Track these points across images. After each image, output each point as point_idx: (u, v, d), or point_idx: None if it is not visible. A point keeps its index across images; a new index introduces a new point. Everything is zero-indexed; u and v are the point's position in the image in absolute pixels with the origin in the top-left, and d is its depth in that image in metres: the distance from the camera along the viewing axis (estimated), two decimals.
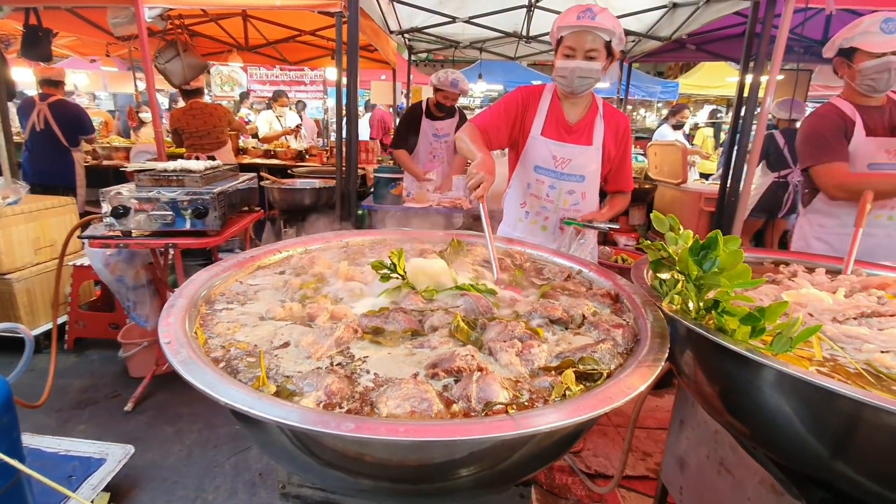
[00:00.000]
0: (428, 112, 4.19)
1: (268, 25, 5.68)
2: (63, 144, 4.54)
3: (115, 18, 3.27)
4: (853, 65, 2.05)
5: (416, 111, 4.27)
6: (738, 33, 5.49)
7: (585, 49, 1.81)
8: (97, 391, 2.99)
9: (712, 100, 13.75)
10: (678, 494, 1.59)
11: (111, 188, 2.42)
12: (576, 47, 1.82)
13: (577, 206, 2.08)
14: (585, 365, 0.84)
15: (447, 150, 4.31)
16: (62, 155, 4.58)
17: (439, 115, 4.18)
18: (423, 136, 4.23)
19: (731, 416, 1.12)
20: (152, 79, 3.42)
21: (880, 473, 0.89)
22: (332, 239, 1.60)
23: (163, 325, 0.88)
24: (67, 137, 4.54)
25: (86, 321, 3.45)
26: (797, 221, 2.41)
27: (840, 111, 2.12)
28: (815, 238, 2.27)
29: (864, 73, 2.01)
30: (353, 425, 0.61)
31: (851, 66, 2.06)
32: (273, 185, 4.06)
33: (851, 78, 2.09)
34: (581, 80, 1.86)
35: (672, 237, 1.14)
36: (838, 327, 1.08)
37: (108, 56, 6.20)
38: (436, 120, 4.20)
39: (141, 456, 2.36)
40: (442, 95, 4.01)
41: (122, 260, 2.74)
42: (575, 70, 1.83)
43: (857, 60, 2.03)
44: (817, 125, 2.16)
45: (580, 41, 1.81)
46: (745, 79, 3.41)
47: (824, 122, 2.14)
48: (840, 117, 2.10)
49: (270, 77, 12.23)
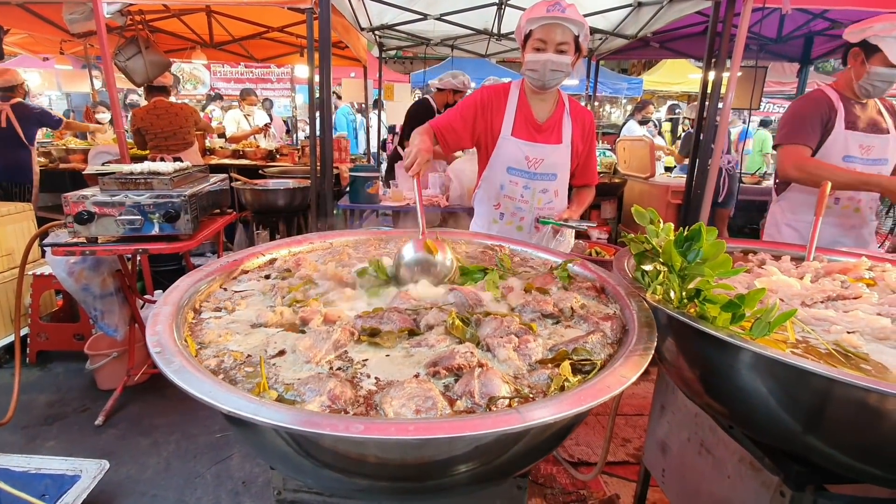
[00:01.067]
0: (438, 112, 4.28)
1: (233, 21, 5.50)
2: (22, 141, 4.35)
3: (71, 14, 3.09)
4: (867, 62, 2.05)
5: (426, 108, 4.34)
6: (698, 31, 5.70)
7: (556, 42, 1.82)
8: (65, 405, 2.85)
9: (674, 96, 14.23)
10: (661, 477, 1.65)
11: (74, 192, 2.30)
12: (546, 40, 1.82)
13: (551, 204, 2.10)
14: (579, 356, 0.87)
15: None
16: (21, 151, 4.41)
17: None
18: None
19: (712, 398, 1.18)
20: (112, 77, 3.26)
21: (849, 445, 0.96)
22: (316, 240, 1.58)
23: (150, 333, 0.86)
24: (28, 135, 4.37)
25: (48, 333, 3.28)
26: (770, 208, 2.49)
27: (828, 99, 2.18)
28: (786, 225, 2.36)
29: (872, 76, 2.04)
30: (363, 426, 0.61)
31: (866, 62, 2.06)
32: (245, 187, 3.96)
33: (858, 73, 2.11)
34: (553, 73, 1.87)
35: (653, 230, 1.18)
36: (808, 311, 1.15)
37: (62, 54, 5.86)
38: None
39: (116, 471, 2.27)
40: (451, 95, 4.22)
41: (88, 268, 2.61)
42: (546, 63, 1.84)
43: (872, 60, 2.04)
44: (801, 107, 2.24)
45: (550, 34, 1.81)
46: (709, 76, 3.55)
47: (808, 105, 2.21)
48: (826, 105, 2.17)
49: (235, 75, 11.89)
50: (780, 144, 2.25)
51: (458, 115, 2.03)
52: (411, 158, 1.62)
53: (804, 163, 2.15)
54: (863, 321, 1.10)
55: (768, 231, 2.46)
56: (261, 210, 4.08)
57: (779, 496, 1.11)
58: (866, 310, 1.16)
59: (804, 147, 2.17)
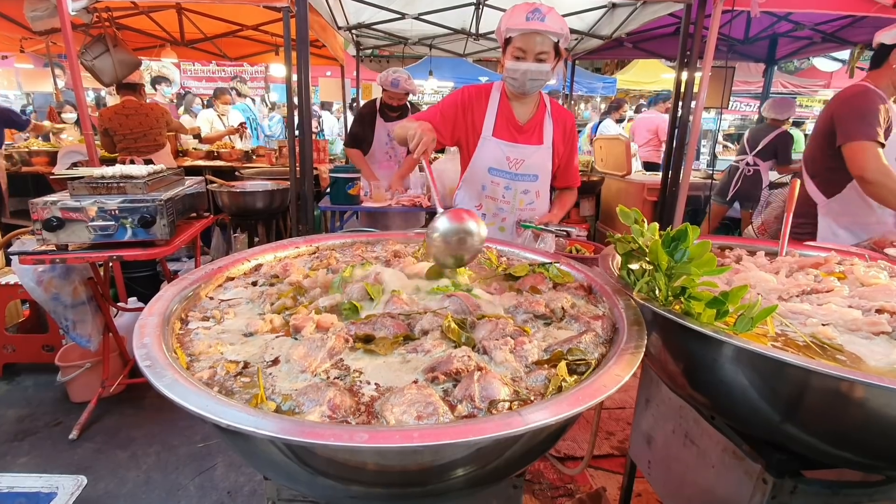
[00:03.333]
0: (382, 112, 4.09)
1: (205, 19, 5.34)
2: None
3: (33, 11, 2.95)
4: None
5: (370, 109, 4.14)
6: (670, 32, 5.86)
7: (536, 52, 1.83)
8: (36, 420, 2.73)
9: (647, 95, 14.54)
10: (646, 468, 1.70)
11: (42, 198, 2.21)
12: (526, 49, 1.83)
13: (532, 204, 2.12)
14: (574, 356, 0.88)
15: (402, 152, 4.25)
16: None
17: (392, 116, 4.08)
18: (378, 137, 4.12)
19: (696, 390, 1.22)
20: (79, 77, 3.13)
21: (826, 432, 1.01)
22: (302, 244, 1.56)
23: (138, 346, 0.83)
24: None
25: (15, 345, 3.13)
26: (819, 212, 2.27)
27: (881, 96, 2.06)
28: (843, 228, 2.20)
29: None
30: (367, 435, 0.61)
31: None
32: (222, 189, 3.86)
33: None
34: (532, 81, 1.89)
35: (638, 229, 1.21)
36: (784, 305, 1.20)
37: (23, 52, 5.58)
38: (389, 120, 4.09)
39: (94, 486, 2.20)
40: (387, 95, 3.95)
41: (57, 276, 2.51)
42: (526, 73, 1.85)
43: None
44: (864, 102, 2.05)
45: (530, 43, 1.82)
46: (682, 76, 3.65)
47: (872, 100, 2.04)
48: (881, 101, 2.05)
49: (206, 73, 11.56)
50: (856, 141, 2.01)
51: (438, 113, 2.03)
52: (416, 140, 1.60)
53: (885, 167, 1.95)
54: (836, 314, 1.15)
55: (822, 235, 2.23)
56: (238, 213, 3.98)
57: (761, 483, 1.16)
58: (838, 303, 1.21)
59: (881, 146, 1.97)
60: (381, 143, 4.16)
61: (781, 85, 11.32)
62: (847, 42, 5.58)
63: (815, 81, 11.89)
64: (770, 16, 5.22)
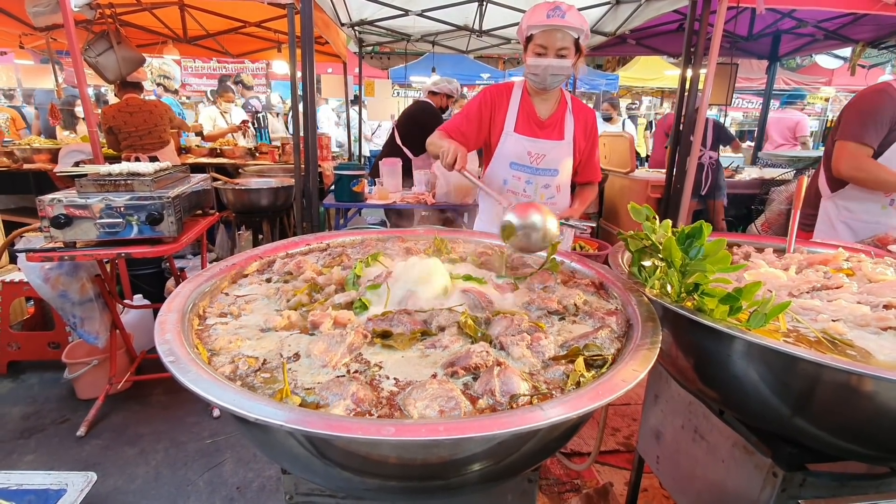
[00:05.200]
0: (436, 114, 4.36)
1: (208, 16, 5.33)
2: None
3: (35, 7, 2.94)
4: None
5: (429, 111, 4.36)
6: (673, 29, 5.85)
7: (556, 47, 1.87)
8: (42, 417, 2.74)
9: (650, 92, 14.52)
10: (655, 464, 1.71)
11: (49, 195, 2.21)
12: (547, 45, 1.87)
13: (553, 199, 2.15)
14: (591, 352, 0.89)
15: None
16: None
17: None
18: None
19: (707, 385, 1.23)
20: (82, 74, 3.13)
21: (837, 426, 1.02)
22: (313, 241, 1.57)
23: (160, 341, 0.84)
24: None
25: (20, 342, 3.14)
26: (822, 205, 2.34)
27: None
28: (841, 222, 2.25)
29: None
30: (394, 429, 0.62)
31: None
32: (227, 186, 3.86)
33: None
34: (553, 77, 1.93)
35: (649, 226, 1.22)
36: (795, 301, 1.21)
37: (22, 48, 5.57)
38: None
39: (103, 483, 2.21)
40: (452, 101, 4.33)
41: (65, 273, 2.51)
42: (547, 68, 1.90)
43: None
44: (871, 103, 2.10)
45: (551, 39, 1.86)
46: (687, 72, 3.65)
47: (880, 101, 2.07)
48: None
49: (207, 70, 11.52)
50: (841, 140, 2.13)
51: (464, 119, 2.09)
52: (451, 156, 1.74)
53: (862, 163, 2.06)
54: (846, 309, 1.16)
55: (820, 228, 2.31)
56: (243, 210, 3.99)
57: (771, 476, 1.17)
58: (848, 298, 1.22)
59: (865, 147, 2.07)
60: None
61: (784, 82, 11.31)
62: (849, 39, 5.58)
63: (816, 78, 11.89)
64: (774, 13, 5.21)
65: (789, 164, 5.89)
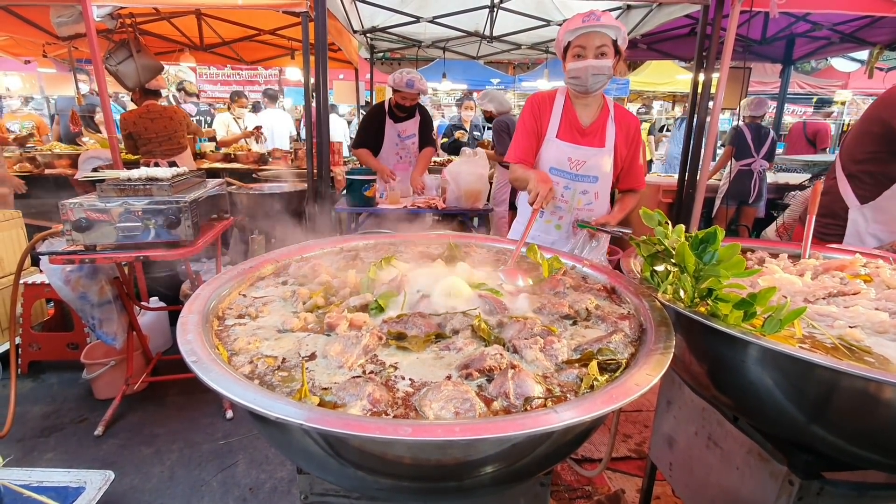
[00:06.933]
0: (391, 113, 4.07)
1: (223, 24, 5.45)
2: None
3: (59, 17, 3.04)
4: None
5: (379, 111, 4.13)
6: (685, 34, 5.82)
7: (595, 46, 1.87)
8: (61, 416, 2.80)
9: (661, 96, 14.44)
10: (668, 471, 1.69)
11: (71, 200, 2.27)
12: (586, 46, 1.88)
13: (591, 205, 2.15)
14: (604, 356, 0.90)
15: (412, 152, 4.23)
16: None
17: (401, 116, 4.08)
18: (388, 138, 4.12)
19: (721, 392, 1.23)
20: (104, 82, 3.22)
21: (854, 433, 1.01)
22: (327, 245, 1.59)
23: (182, 342, 0.86)
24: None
25: (41, 343, 3.22)
26: (850, 215, 2.25)
27: None
28: (870, 235, 2.19)
29: None
30: (411, 429, 0.63)
31: None
32: (240, 191, 3.93)
33: None
34: (595, 77, 1.91)
35: (662, 231, 1.22)
36: (811, 307, 1.20)
37: (45, 56, 5.74)
38: (398, 122, 4.10)
39: (119, 481, 2.25)
40: (400, 96, 3.91)
41: (85, 276, 2.57)
42: (588, 68, 1.89)
43: None
44: None
45: (589, 41, 1.87)
46: (699, 77, 3.63)
47: None
48: None
49: (221, 77, 11.74)
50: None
51: (524, 136, 2.12)
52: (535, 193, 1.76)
53: None
54: (863, 316, 1.15)
55: (848, 241, 2.22)
56: (256, 214, 4.05)
57: (787, 484, 1.16)
58: (865, 305, 1.21)
59: None
60: (391, 144, 4.16)
61: (798, 85, 11.16)
62: (866, 42, 5.50)
63: (832, 82, 11.70)
64: (788, 16, 5.16)
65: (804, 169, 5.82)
